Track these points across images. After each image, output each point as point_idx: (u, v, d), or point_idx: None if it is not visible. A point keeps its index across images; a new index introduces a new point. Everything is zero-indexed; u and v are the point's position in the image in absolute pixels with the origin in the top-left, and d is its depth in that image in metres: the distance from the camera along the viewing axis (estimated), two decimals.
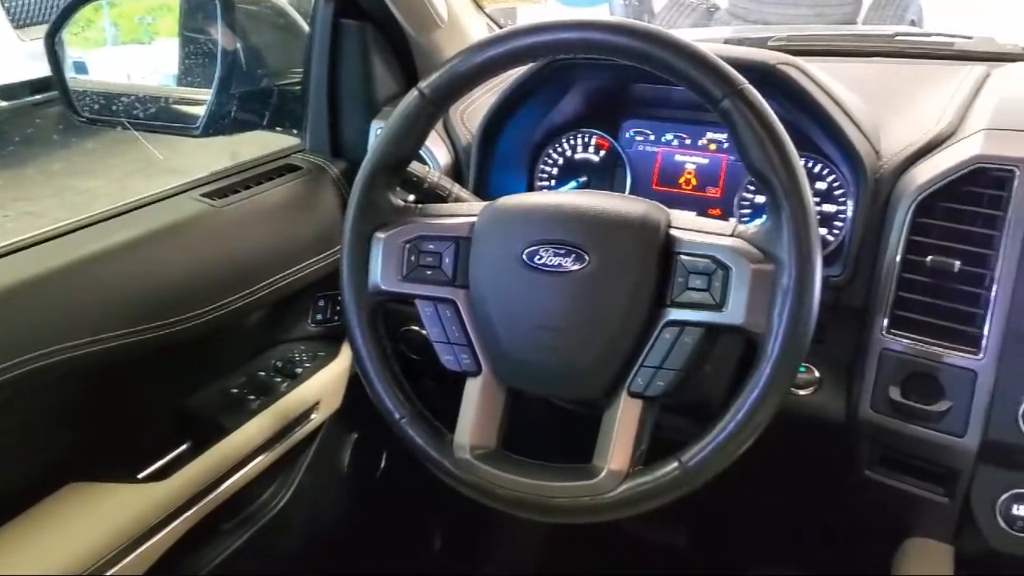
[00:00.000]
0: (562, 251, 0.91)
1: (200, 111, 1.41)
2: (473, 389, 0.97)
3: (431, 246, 0.98)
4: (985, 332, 1.02)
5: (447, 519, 1.81)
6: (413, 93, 0.97)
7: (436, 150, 1.33)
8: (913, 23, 3.77)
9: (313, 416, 1.36)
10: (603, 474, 0.90)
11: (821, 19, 3.86)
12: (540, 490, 0.93)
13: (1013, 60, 1.36)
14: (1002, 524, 1.07)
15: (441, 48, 1.43)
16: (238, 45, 1.45)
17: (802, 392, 1.16)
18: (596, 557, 1.78)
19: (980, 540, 1.10)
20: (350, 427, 1.54)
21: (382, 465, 1.67)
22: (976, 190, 1.04)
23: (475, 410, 0.96)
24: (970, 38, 1.46)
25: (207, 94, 1.42)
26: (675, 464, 0.88)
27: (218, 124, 1.42)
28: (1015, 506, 1.06)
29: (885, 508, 1.24)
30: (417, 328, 1.32)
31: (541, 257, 0.92)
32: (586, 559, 1.79)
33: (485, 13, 1.57)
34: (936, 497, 1.13)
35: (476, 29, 1.51)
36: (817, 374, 1.16)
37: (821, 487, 1.37)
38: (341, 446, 1.55)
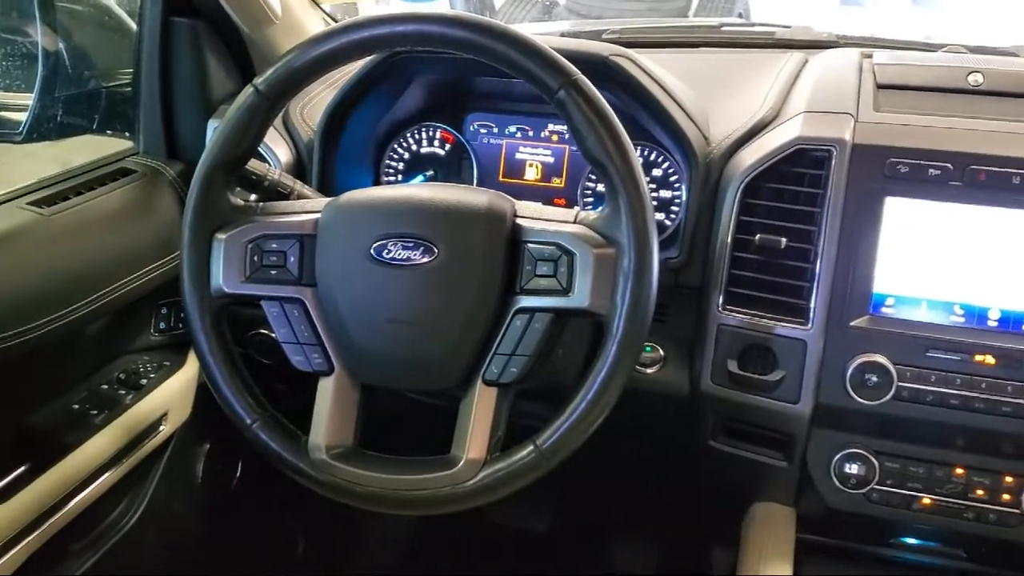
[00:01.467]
0: (410, 244, 0.92)
1: (22, 116, 1.35)
2: (326, 388, 0.96)
3: (274, 245, 0.96)
4: (812, 304, 1.08)
5: (309, 522, 1.79)
6: (248, 90, 0.95)
7: (276, 148, 1.30)
8: (741, 15, 3.95)
9: (162, 428, 1.31)
10: (461, 463, 0.91)
11: (655, 13, 3.99)
12: (400, 484, 0.93)
13: (828, 47, 1.44)
14: (837, 483, 1.14)
15: (277, 44, 1.40)
16: (61, 45, 1.39)
17: (648, 370, 1.21)
18: (463, 549, 1.79)
19: (818, 500, 1.17)
20: (202, 437, 1.49)
21: (238, 473, 1.63)
22: (798, 170, 1.11)
23: (329, 409, 0.95)
24: (789, 27, 1.54)
25: (29, 98, 1.35)
26: (531, 448, 0.90)
27: (42, 129, 1.35)
28: (847, 465, 1.13)
29: (731, 476, 1.30)
30: (266, 331, 1.29)
31: (389, 251, 0.92)
32: (453, 552, 1.80)
33: (321, 8, 1.55)
34: (776, 462, 1.19)
35: (312, 24, 1.48)
36: (661, 352, 1.21)
37: (671, 461, 1.42)
38: (194, 457, 1.50)
